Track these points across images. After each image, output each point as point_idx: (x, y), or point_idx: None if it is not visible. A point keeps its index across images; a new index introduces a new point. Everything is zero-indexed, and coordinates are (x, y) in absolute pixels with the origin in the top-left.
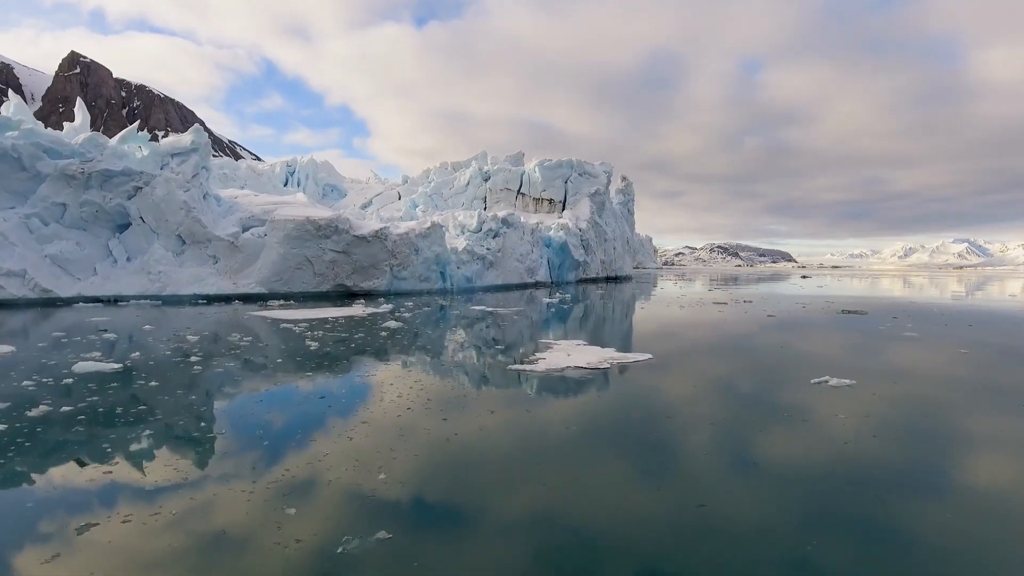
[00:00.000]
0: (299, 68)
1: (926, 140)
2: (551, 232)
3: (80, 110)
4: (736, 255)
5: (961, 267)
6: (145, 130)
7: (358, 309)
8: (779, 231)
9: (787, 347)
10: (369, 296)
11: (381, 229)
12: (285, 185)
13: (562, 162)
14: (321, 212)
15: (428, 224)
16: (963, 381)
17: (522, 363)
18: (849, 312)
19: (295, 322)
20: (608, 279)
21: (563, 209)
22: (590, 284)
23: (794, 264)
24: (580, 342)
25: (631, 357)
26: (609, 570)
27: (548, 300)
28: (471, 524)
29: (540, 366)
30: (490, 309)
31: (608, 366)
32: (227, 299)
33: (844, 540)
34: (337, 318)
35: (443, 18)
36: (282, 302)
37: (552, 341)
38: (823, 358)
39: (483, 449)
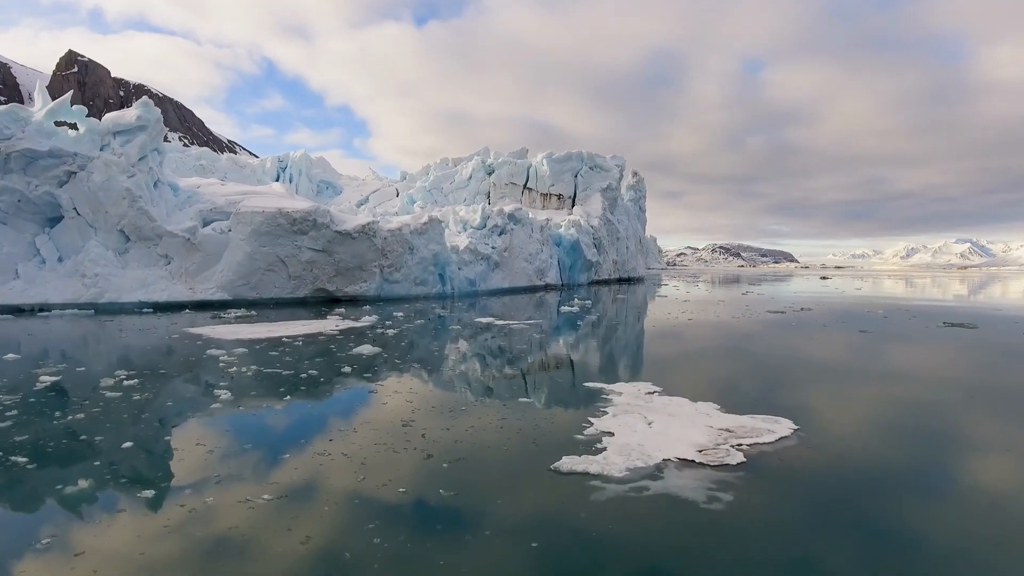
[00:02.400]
0: (299, 68)
1: (929, 139)
2: (561, 229)
3: (40, 94)
4: (738, 255)
5: (965, 267)
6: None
7: (331, 323)
8: (781, 231)
9: (984, 397)
10: (355, 302)
11: (369, 224)
12: (277, 180)
13: (571, 154)
14: (297, 203)
15: (425, 219)
16: None
17: (572, 448)
18: (955, 325)
19: (232, 345)
20: (620, 280)
21: (573, 205)
22: (602, 286)
23: (796, 264)
24: (649, 386)
25: (759, 427)
26: None
27: (567, 308)
28: None
29: (612, 461)
30: (500, 322)
31: (742, 458)
32: (180, 307)
33: None
34: (295, 338)
35: (443, 17)
36: (243, 312)
37: (605, 385)
38: None
39: None
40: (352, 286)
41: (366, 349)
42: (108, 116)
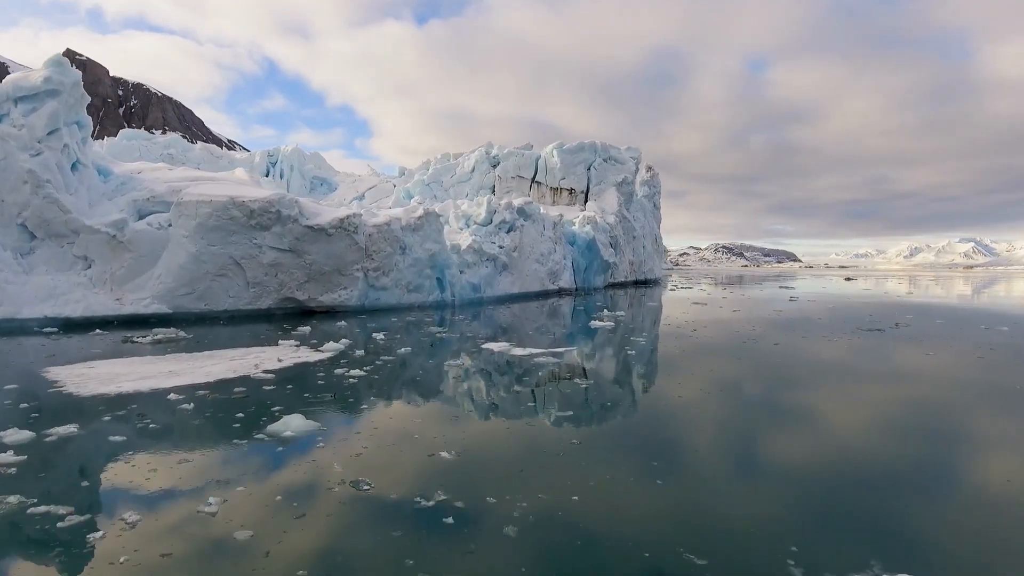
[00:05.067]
0: (300, 67)
1: (934, 138)
2: (575, 227)
3: None
4: (741, 255)
5: (971, 267)
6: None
7: (277, 353)
8: (784, 231)
9: None
10: (332, 315)
11: (348, 218)
12: (267, 175)
13: (584, 145)
14: (256, 191)
15: (419, 212)
16: None
17: None
18: None
19: (68, 413)
20: (636, 283)
21: (585, 201)
22: (619, 289)
23: (800, 264)
24: None
25: None
26: None
27: (598, 322)
28: None
29: None
30: (518, 351)
31: None
32: (102, 324)
33: None
34: (193, 391)
35: (444, 15)
36: (172, 333)
37: None
38: None
39: None
40: (328, 295)
41: (294, 424)
42: (8, 78)
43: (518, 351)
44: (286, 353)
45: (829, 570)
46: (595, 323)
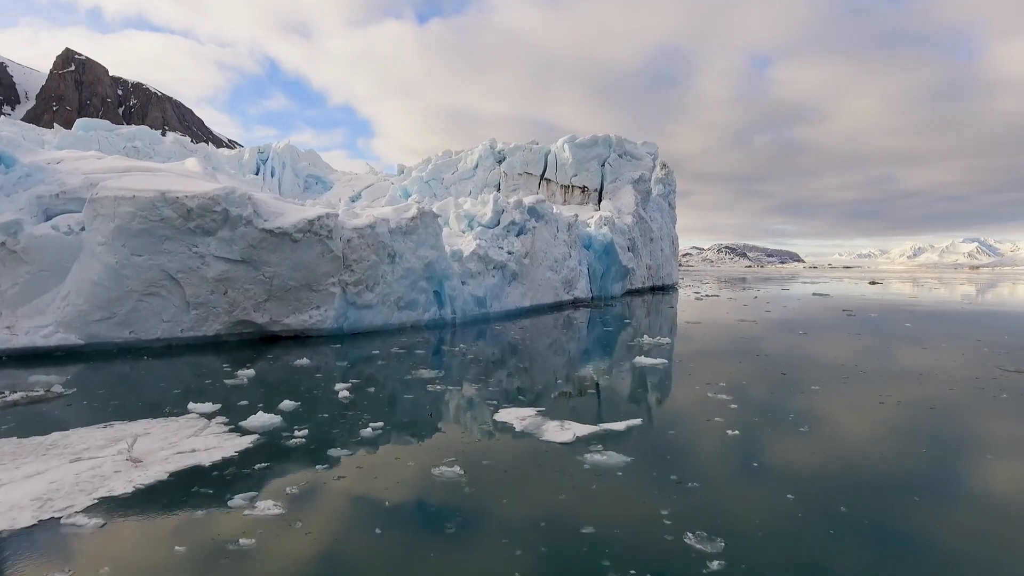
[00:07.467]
0: (301, 67)
1: (939, 137)
2: (591, 228)
3: None
4: (744, 255)
5: (976, 267)
6: None
7: (161, 441)
8: (787, 231)
9: None
10: (301, 342)
11: (320, 219)
12: (256, 173)
13: (598, 139)
14: (198, 184)
15: (412, 212)
16: None
17: None
18: None
19: None
20: (654, 289)
21: (599, 200)
22: (636, 297)
23: (804, 265)
24: None
25: None
26: None
27: (643, 359)
28: None
29: None
30: (555, 434)
31: None
32: None
33: None
34: None
35: (445, 14)
36: (35, 391)
37: None
38: None
39: None
40: (296, 316)
41: None
42: None
43: (553, 431)
44: (176, 439)
45: None
46: (640, 359)
